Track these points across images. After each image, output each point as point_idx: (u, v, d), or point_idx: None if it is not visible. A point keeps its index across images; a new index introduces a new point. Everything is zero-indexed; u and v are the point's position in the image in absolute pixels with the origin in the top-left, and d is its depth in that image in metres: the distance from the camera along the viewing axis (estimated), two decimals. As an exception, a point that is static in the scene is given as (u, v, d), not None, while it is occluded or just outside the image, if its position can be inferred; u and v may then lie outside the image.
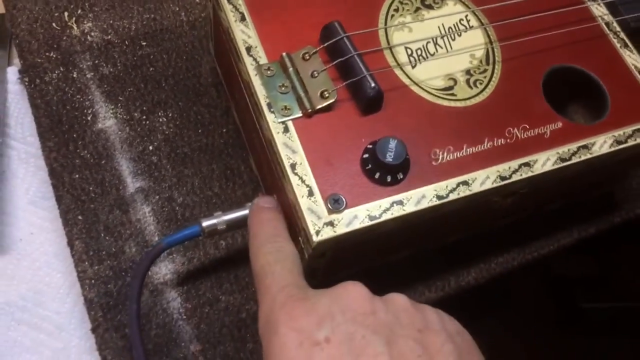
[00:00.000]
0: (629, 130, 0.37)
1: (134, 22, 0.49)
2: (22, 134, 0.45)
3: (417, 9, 0.39)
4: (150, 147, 0.43)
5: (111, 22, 0.49)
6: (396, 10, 0.39)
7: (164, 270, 0.39)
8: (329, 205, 0.31)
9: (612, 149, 0.36)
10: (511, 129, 0.35)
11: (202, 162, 0.43)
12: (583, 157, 0.35)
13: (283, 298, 0.27)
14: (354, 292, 0.27)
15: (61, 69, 0.45)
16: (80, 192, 0.41)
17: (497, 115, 0.36)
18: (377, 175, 0.32)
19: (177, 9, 0.50)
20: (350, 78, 0.34)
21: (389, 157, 0.31)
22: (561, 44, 0.39)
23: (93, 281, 0.38)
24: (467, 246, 0.42)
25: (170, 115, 0.45)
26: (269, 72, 0.34)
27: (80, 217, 0.40)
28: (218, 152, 0.44)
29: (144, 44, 0.48)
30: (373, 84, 0.33)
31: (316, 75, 0.34)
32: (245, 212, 0.35)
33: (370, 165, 0.32)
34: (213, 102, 0.46)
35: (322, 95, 0.34)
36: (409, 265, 0.40)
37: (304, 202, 0.31)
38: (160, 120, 0.44)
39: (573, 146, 0.35)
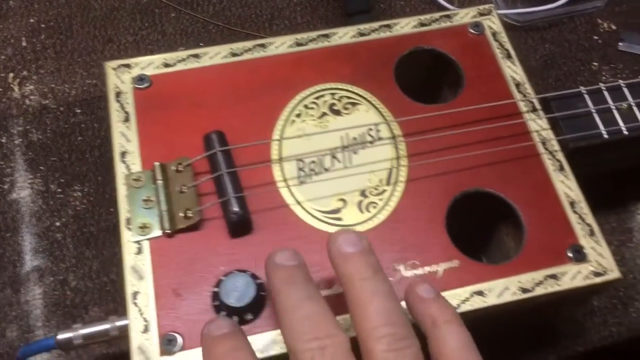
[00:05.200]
0: (539, 275, 0.32)
1: (74, 87, 0.48)
2: (-51, 193, 0.46)
3: (323, 114, 0.36)
4: (58, 223, 0.42)
5: (53, 85, 0.48)
6: (298, 115, 0.36)
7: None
8: (163, 346, 0.29)
9: (515, 297, 0.31)
10: (396, 265, 0.32)
11: (105, 244, 0.42)
12: (476, 306, 0.31)
13: None
14: None
15: (-8, 132, 0.46)
16: (-22, 266, 0.41)
17: (383, 247, 0.32)
18: (224, 314, 0.29)
19: (120, 75, 0.49)
20: (218, 198, 0.32)
21: (232, 298, 0.29)
22: (482, 164, 0.35)
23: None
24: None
25: (86, 190, 0.44)
26: (137, 182, 0.32)
27: (-29, 294, 0.40)
28: (126, 235, 0.42)
29: (79, 111, 0.47)
30: (236, 208, 0.31)
31: (185, 190, 0.32)
32: (106, 326, 0.33)
33: (217, 302, 0.29)
34: (133, 180, 0.45)
35: (185, 215, 0.32)
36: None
37: (136, 339, 0.29)
38: (75, 194, 0.44)
39: (466, 291, 0.31)
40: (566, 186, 0.34)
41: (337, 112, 0.36)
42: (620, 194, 0.45)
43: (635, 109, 0.36)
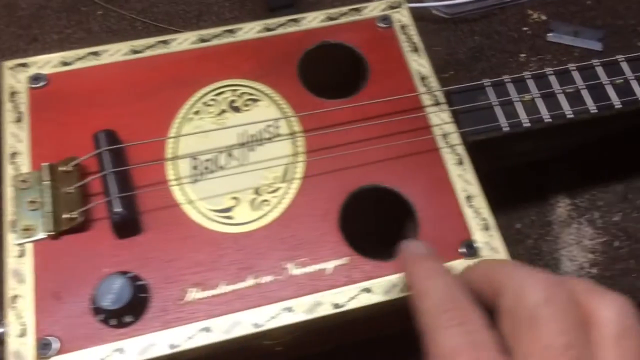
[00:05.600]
0: (431, 272, 0.32)
1: (-5, 87, 0.48)
2: None
3: (222, 111, 0.36)
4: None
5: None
6: (197, 112, 0.35)
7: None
8: (38, 350, 0.28)
9: (403, 294, 0.31)
10: (285, 263, 0.31)
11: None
12: (364, 302, 0.31)
13: None
14: None
15: None
16: None
17: (273, 246, 0.32)
18: (101, 317, 0.29)
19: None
20: (104, 198, 0.32)
21: (108, 301, 0.28)
22: (381, 159, 0.34)
23: None
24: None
25: None
26: (24, 184, 0.32)
27: None
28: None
29: (-2, 111, 0.47)
30: (117, 208, 0.31)
31: (71, 191, 0.32)
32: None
33: (95, 305, 0.29)
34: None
35: (70, 216, 0.31)
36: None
37: (13, 344, 0.28)
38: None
39: (353, 288, 0.31)
40: (464, 180, 0.34)
41: (236, 109, 0.36)
42: (541, 187, 0.45)
43: (537, 100, 0.36)
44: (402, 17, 0.39)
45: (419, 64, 0.38)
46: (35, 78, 0.35)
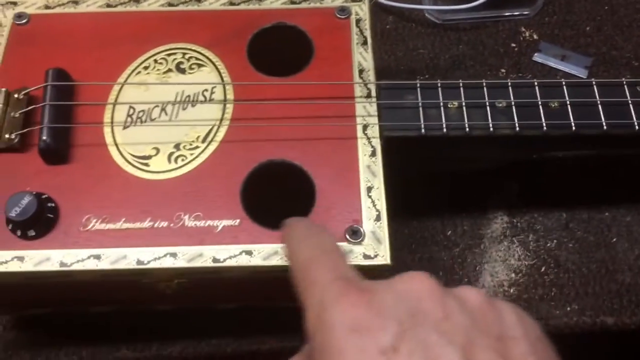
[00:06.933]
0: (312, 248, 0.33)
1: None
2: None
3: (168, 70, 0.39)
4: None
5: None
6: (146, 67, 0.39)
7: None
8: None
9: (281, 263, 0.33)
10: (182, 214, 0.34)
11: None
12: (242, 263, 0.33)
13: (336, 289, 0.23)
14: (421, 289, 0.23)
15: None
16: None
17: (176, 197, 0.35)
18: (10, 227, 0.33)
19: None
20: (39, 126, 0.36)
21: (14, 212, 0.32)
22: (299, 138, 0.36)
23: None
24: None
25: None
26: (-18, 104, 0.37)
27: None
28: None
29: None
30: (45, 137, 0.34)
31: (16, 116, 0.36)
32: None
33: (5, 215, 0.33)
34: None
35: (9, 137, 0.35)
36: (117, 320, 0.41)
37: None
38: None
39: (237, 248, 0.33)
40: (371, 172, 0.35)
41: (182, 70, 0.39)
42: (485, 200, 0.45)
43: (463, 109, 0.36)
44: (361, 11, 0.41)
45: (363, 57, 0.39)
46: (19, 15, 0.40)
